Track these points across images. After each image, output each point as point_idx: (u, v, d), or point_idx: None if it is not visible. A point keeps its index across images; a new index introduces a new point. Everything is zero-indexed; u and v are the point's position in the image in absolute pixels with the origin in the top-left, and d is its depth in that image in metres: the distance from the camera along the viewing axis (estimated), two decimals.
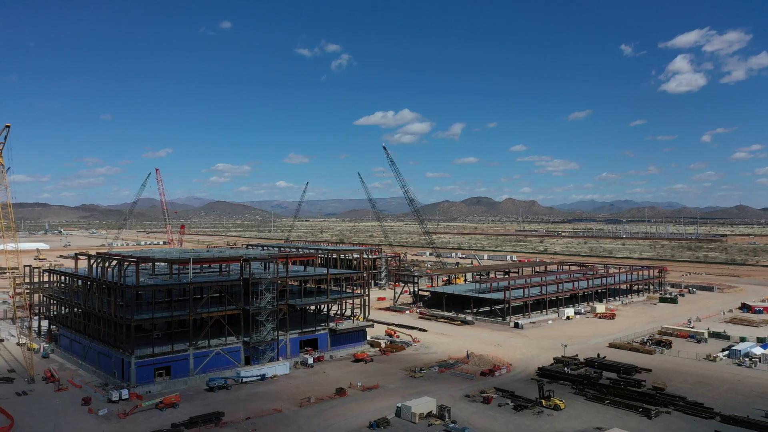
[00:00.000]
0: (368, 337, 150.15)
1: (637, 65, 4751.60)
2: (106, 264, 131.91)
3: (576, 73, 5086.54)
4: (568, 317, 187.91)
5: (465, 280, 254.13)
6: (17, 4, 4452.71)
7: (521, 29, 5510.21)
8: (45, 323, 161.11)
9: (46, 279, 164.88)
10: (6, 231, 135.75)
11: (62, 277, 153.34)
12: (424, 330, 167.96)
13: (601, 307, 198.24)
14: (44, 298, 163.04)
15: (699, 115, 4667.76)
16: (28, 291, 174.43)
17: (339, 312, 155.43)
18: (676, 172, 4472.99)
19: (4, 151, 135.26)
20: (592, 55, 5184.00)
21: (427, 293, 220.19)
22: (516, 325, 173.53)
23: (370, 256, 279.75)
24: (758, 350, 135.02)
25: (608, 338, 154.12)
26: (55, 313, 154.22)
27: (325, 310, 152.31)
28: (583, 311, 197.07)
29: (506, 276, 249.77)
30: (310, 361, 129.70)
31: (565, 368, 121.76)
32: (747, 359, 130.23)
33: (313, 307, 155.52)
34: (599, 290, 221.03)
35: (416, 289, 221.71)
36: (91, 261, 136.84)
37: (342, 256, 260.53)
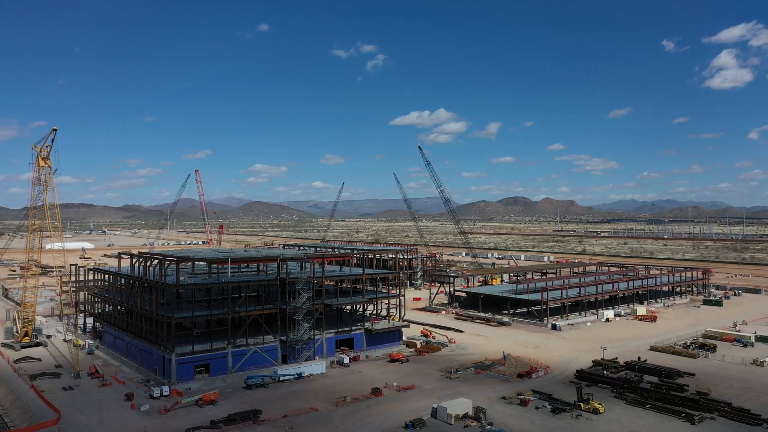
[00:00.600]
0: (404, 338, 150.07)
1: (679, 61, 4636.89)
2: (148, 263, 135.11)
3: (616, 70, 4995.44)
4: (607, 319, 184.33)
5: (501, 281, 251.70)
6: (65, 8, 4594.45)
7: (558, 27, 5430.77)
8: (90, 320, 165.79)
9: (90, 277, 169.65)
10: (53, 231, 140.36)
11: (106, 276, 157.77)
12: (460, 331, 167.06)
13: (641, 309, 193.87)
14: (89, 296, 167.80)
15: (745, 111, 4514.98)
16: (74, 289, 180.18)
17: (375, 312, 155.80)
18: (721, 170, 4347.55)
19: (52, 153, 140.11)
20: (632, 52, 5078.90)
21: (463, 294, 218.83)
22: (554, 327, 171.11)
23: (405, 257, 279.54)
24: None
25: (649, 341, 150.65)
26: (100, 310, 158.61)
27: (361, 310, 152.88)
28: (623, 313, 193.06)
29: (544, 277, 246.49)
30: (346, 360, 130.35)
31: (605, 371, 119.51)
32: None
33: (348, 307, 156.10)
34: (640, 292, 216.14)
35: (452, 289, 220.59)
36: (134, 260, 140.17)
37: (378, 256, 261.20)
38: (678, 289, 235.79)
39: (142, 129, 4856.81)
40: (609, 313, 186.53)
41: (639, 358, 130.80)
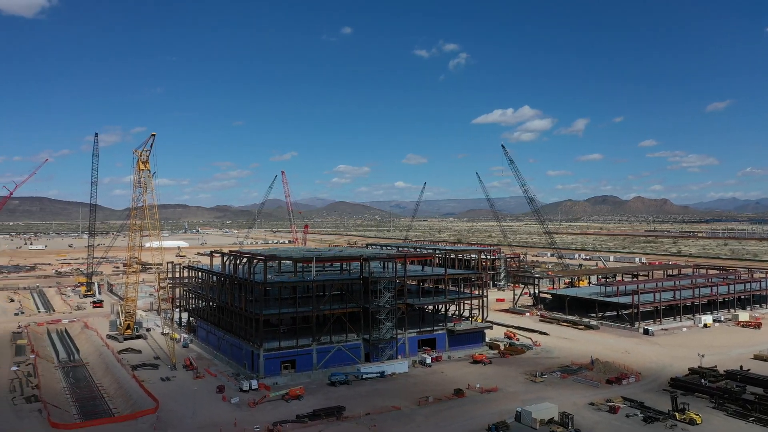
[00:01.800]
0: (486, 339, 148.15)
1: None
2: (237, 261, 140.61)
3: (714, 61, 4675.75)
4: (705, 325, 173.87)
5: (589, 283, 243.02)
6: (164, 18, 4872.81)
7: (648, 15, 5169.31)
8: (185, 315, 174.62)
9: (185, 275, 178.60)
10: (152, 230, 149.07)
11: (199, 273, 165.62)
12: (545, 333, 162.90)
13: (744, 315, 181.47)
14: (184, 292, 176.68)
15: None
16: (170, 285, 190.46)
17: (457, 312, 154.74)
18: None
19: (151, 157, 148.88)
20: (732, 41, 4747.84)
21: (548, 295, 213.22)
22: (645, 332, 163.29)
23: (488, 257, 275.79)
24: None
25: (753, 349, 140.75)
26: (194, 306, 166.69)
27: (443, 310, 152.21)
28: (722, 319, 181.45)
29: (635, 279, 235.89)
30: (428, 360, 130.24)
31: (702, 380, 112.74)
32: None
33: (431, 307, 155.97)
34: (742, 296, 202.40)
35: (536, 290, 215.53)
36: (224, 258, 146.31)
37: (460, 257, 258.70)
38: None
39: (232, 132, 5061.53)
40: (707, 319, 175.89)
41: (741, 367, 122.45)
